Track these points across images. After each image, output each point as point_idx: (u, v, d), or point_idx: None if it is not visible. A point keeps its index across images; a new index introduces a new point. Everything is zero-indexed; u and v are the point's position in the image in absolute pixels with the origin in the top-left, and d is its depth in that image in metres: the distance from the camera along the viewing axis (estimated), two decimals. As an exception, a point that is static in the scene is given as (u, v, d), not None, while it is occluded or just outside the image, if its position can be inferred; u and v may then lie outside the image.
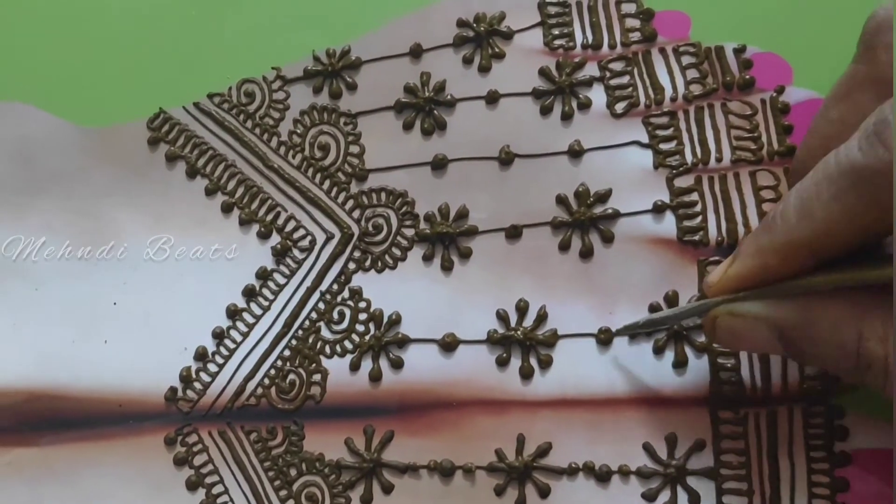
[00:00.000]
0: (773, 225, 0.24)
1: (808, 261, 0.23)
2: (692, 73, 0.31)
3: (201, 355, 0.31)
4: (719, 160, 0.30)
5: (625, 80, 0.31)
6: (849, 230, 0.22)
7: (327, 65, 0.32)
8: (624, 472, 0.28)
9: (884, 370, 0.22)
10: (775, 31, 0.31)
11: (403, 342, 0.30)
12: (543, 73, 0.31)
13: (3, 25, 0.34)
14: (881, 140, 0.20)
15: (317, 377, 0.30)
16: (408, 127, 0.32)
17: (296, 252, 0.31)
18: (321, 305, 0.31)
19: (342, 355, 0.30)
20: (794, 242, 0.23)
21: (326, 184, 0.32)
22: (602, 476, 0.28)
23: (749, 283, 0.24)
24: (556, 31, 0.31)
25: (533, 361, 0.29)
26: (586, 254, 0.30)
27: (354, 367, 0.30)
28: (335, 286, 0.31)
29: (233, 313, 0.31)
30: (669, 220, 0.30)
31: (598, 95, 0.31)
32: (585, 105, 0.31)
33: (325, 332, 0.31)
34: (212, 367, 0.31)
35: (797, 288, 0.24)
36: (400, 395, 0.30)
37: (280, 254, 0.31)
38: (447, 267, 0.30)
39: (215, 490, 0.30)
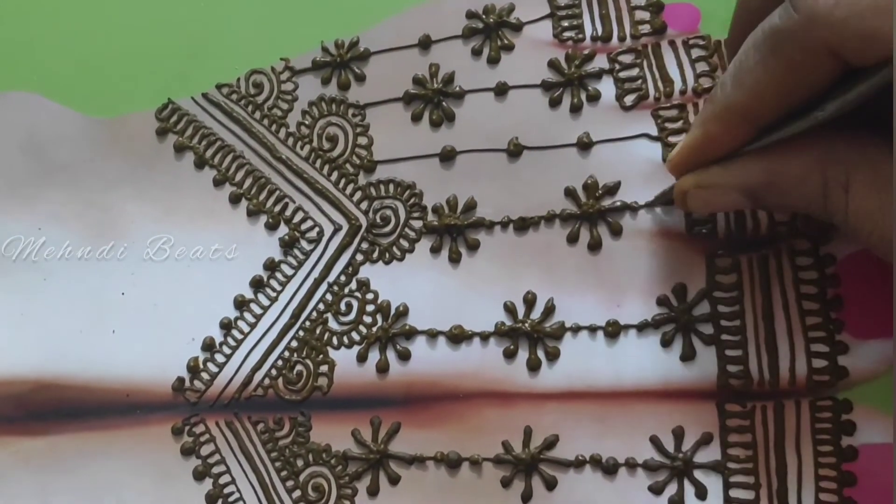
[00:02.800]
0: (713, 96, 0.25)
1: (745, 126, 0.25)
2: (702, 66, 0.31)
3: (209, 346, 0.31)
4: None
5: (634, 72, 0.31)
6: (775, 93, 0.23)
7: (336, 56, 0.32)
8: (631, 465, 0.28)
9: (845, 214, 0.24)
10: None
11: (411, 334, 0.30)
12: (552, 65, 0.31)
13: (10, 15, 0.34)
14: (794, 5, 0.22)
15: (324, 368, 0.30)
16: (416, 118, 0.31)
17: (304, 243, 0.31)
18: (329, 297, 0.31)
19: (349, 347, 0.30)
20: (730, 109, 0.25)
21: (334, 175, 0.32)
22: (609, 469, 0.28)
23: (697, 153, 0.26)
24: (565, 23, 0.31)
25: (540, 354, 0.29)
26: (594, 246, 0.30)
27: (362, 358, 0.30)
28: (343, 277, 0.31)
29: (240, 304, 0.31)
30: (678, 212, 0.29)
31: (607, 88, 0.31)
32: (594, 97, 0.31)
33: (332, 324, 0.31)
34: (219, 358, 0.31)
35: (752, 148, 0.25)
36: (407, 387, 0.30)
37: (288, 245, 0.31)
38: (455, 259, 0.30)
39: (222, 480, 0.30)
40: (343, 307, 0.31)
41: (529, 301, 0.30)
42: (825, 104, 0.23)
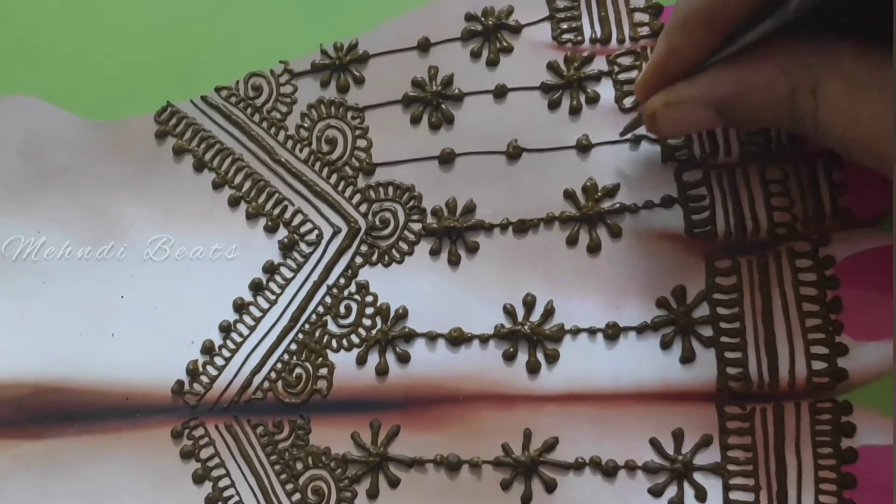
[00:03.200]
0: (675, 8, 0.25)
1: (708, 33, 0.24)
2: (700, 68, 0.31)
3: (208, 349, 0.31)
4: (728, 154, 0.30)
5: (633, 74, 0.31)
6: None
7: (335, 58, 0.32)
8: (630, 467, 0.28)
9: (814, 118, 0.24)
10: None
11: (410, 336, 0.30)
12: (552, 67, 0.31)
13: (9, 18, 0.34)
14: None
15: (323, 371, 0.30)
16: (415, 121, 0.31)
17: (303, 246, 0.31)
18: (328, 299, 0.31)
19: (349, 349, 0.30)
20: (692, 16, 0.24)
21: (333, 178, 0.32)
22: (608, 471, 0.28)
23: (663, 69, 0.26)
24: (564, 26, 0.31)
25: (540, 356, 0.29)
26: (594, 248, 0.30)
27: (361, 361, 0.30)
28: (342, 280, 0.31)
29: (240, 307, 0.31)
30: (677, 214, 0.29)
31: (606, 90, 0.31)
32: (594, 99, 0.31)
33: (331, 327, 0.31)
34: (219, 361, 0.31)
35: (718, 59, 0.25)
36: (406, 390, 0.30)
37: (287, 248, 0.31)
38: (454, 261, 0.30)
39: (221, 483, 0.30)
40: (342, 310, 0.31)
41: (529, 303, 0.30)
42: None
